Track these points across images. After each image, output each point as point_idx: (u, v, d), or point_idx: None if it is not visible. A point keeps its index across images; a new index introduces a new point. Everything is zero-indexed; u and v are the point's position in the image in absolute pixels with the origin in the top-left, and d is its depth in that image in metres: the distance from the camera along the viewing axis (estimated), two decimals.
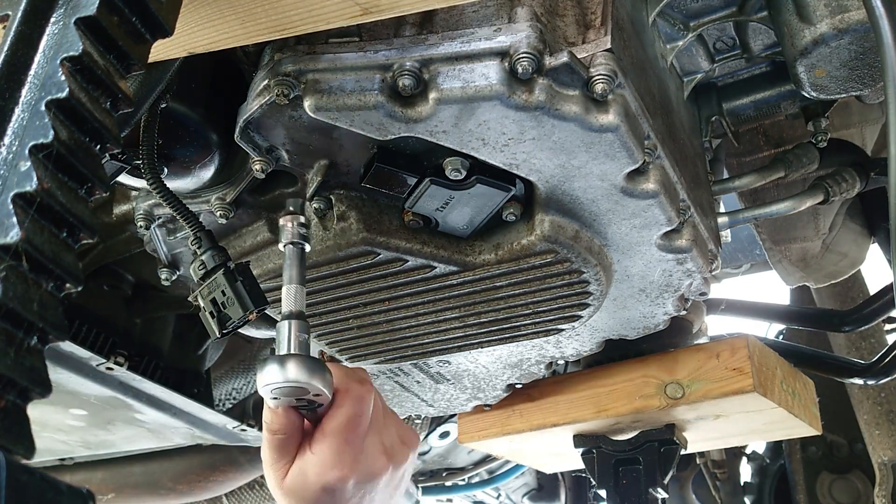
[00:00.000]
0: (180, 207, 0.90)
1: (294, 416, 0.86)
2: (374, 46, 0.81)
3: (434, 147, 0.87)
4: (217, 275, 0.83)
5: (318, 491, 0.85)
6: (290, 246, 0.84)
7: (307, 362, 0.78)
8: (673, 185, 0.97)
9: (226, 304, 0.83)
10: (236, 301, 0.82)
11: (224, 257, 0.86)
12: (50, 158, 0.49)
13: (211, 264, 0.85)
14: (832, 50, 1.01)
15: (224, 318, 0.82)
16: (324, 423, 0.87)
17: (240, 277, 0.83)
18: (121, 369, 1.53)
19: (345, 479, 0.86)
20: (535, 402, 1.48)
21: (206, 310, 0.84)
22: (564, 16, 0.86)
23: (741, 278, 2.46)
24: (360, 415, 0.88)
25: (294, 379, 0.77)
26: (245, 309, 0.81)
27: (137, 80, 0.81)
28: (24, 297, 0.45)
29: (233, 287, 0.82)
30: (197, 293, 0.85)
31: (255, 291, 0.83)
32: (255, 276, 0.86)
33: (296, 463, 0.87)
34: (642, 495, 1.39)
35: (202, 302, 0.85)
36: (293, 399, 0.82)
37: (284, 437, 0.86)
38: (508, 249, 0.99)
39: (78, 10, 0.54)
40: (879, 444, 2.17)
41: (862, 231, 1.72)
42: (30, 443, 0.43)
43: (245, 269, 0.84)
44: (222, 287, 0.83)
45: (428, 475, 2.49)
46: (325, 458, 0.85)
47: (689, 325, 1.45)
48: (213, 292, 0.83)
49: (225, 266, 0.84)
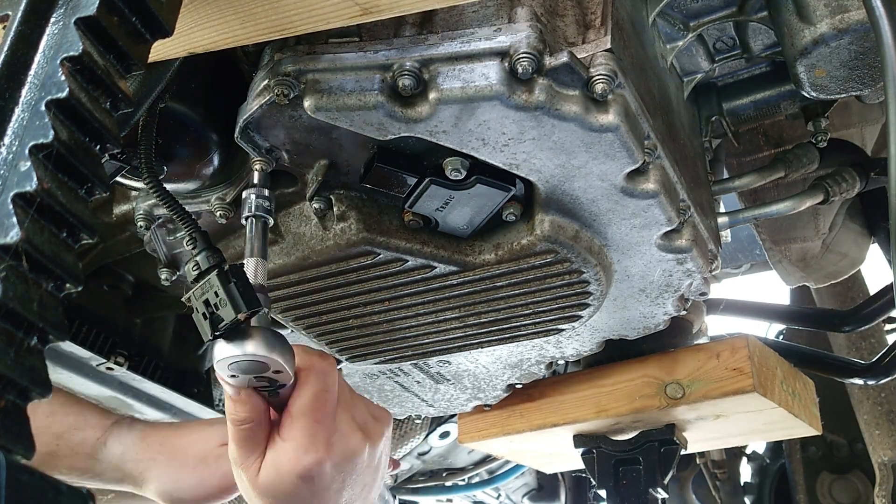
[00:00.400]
0: (176, 207, 0.89)
1: (258, 400, 0.83)
2: (374, 46, 0.81)
3: (434, 147, 0.87)
4: (211, 276, 0.83)
5: (296, 481, 0.82)
6: (253, 219, 0.82)
7: (267, 335, 0.75)
8: (673, 185, 0.97)
9: (218, 305, 0.82)
10: (229, 303, 0.81)
11: (218, 258, 0.85)
12: (50, 158, 0.49)
13: (205, 265, 0.84)
14: (832, 50, 1.01)
15: (216, 319, 0.81)
16: (290, 406, 0.83)
17: (233, 279, 0.82)
18: (121, 369, 1.53)
19: (321, 462, 0.82)
20: (535, 402, 1.48)
21: (199, 311, 0.84)
22: (564, 16, 0.86)
23: (741, 278, 2.46)
24: (327, 390, 0.84)
25: (252, 353, 0.74)
26: (237, 311, 0.80)
27: (137, 80, 0.81)
28: (24, 297, 0.45)
29: (226, 288, 0.81)
30: (190, 294, 0.85)
31: (249, 293, 0.82)
32: (248, 280, 0.86)
33: (267, 456, 0.83)
34: (642, 495, 1.39)
35: (195, 303, 0.84)
36: (252, 379, 0.79)
37: (252, 425, 0.82)
38: (508, 249, 0.99)
39: (78, 10, 0.54)
40: (879, 444, 2.17)
41: (862, 231, 1.72)
42: (30, 443, 0.43)
43: (239, 271, 0.83)
44: (215, 288, 0.82)
45: (428, 475, 2.49)
46: (298, 443, 0.82)
47: (689, 325, 1.45)
48: (206, 293, 0.82)
49: (219, 267, 0.84)
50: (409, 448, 2.21)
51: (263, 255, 0.82)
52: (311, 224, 0.99)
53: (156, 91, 0.82)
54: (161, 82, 0.82)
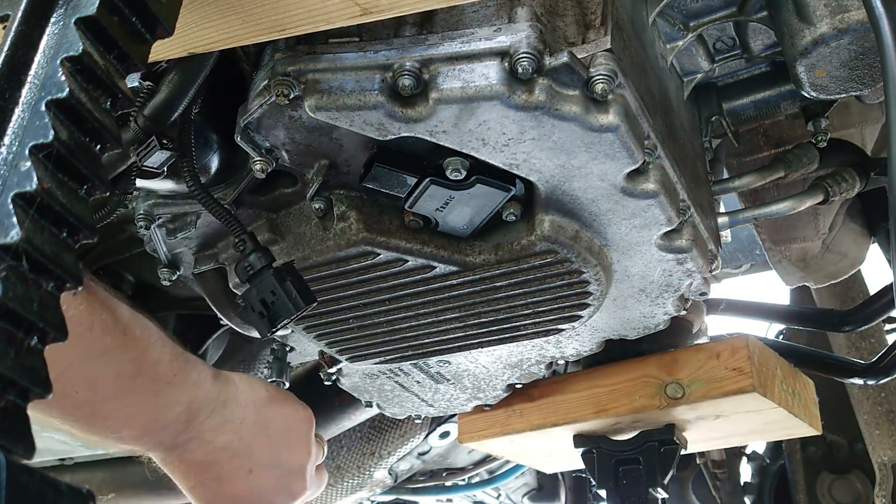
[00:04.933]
0: (224, 213, 0.92)
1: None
2: (374, 46, 0.81)
3: (434, 147, 0.87)
4: (266, 275, 0.86)
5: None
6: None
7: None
8: (673, 185, 0.97)
9: (276, 302, 0.85)
10: (287, 300, 0.85)
11: (270, 258, 0.89)
12: (50, 158, 0.48)
13: (258, 265, 0.88)
14: (832, 50, 1.01)
15: (274, 316, 0.85)
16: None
17: (288, 277, 0.85)
18: None
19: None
20: (535, 402, 1.48)
21: (256, 310, 0.87)
22: (564, 16, 0.86)
23: (741, 278, 2.45)
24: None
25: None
26: (297, 307, 0.85)
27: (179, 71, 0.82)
28: (24, 297, 0.45)
29: (283, 286, 0.85)
30: (244, 294, 0.88)
31: (304, 289, 0.86)
32: (301, 275, 0.88)
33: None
34: (642, 495, 1.39)
35: (252, 302, 0.87)
36: None
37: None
38: (508, 249, 0.99)
39: (78, 10, 0.54)
40: (879, 444, 2.17)
41: (862, 231, 1.72)
42: (30, 443, 0.43)
43: (291, 269, 0.88)
44: (272, 287, 0.86)
45: (428, 475, 2.48)
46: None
47: (689, 325, 1.45)
48: (262, 293, 0.86)
49: (272, 266, 0.87)
50: (409, 448, 2.21)
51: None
52: (311, 224, 0.99)
53: (196, 83, 0.83)
54: (201, 74, 0.83)
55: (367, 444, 2.20)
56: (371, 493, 2.31)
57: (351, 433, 2.18)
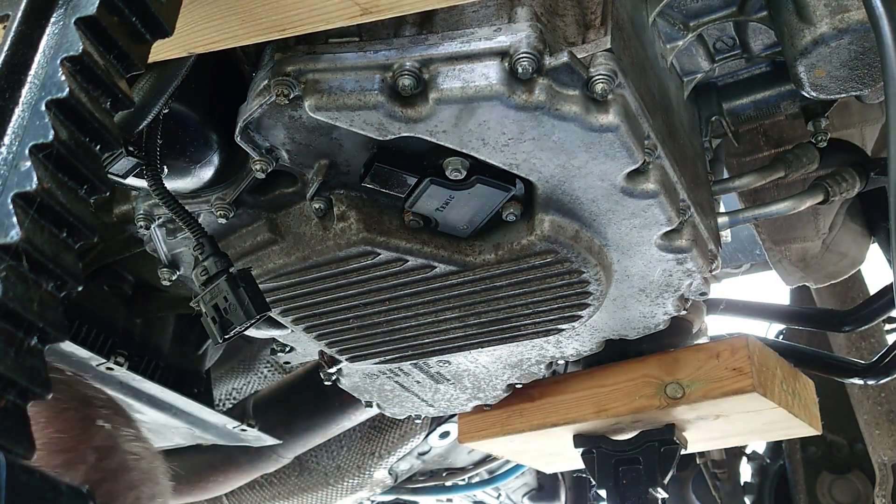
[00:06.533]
0: (182, 212, 0.90)
1: None
2: (374, 46, 0.81)
3: (434, 147, 0.87)
4: (220, 281, 0.84)
5: None
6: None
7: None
8: (673, 185, 0.97)
9: (228, 309, 0.84)
10: (239, 307, 0.83)
11: (226, 263, 0.87)
12: (50, 158, 0.49)
13: (213, 270, 0.86)
14: (832, 50, 1.01)
15: (226, 323, 0.83)
16: None
17: (242, 284, 0.84)
18: (121, 369, 1.53)
19: None
20: (535, 402, 1.48)
21: (209, 315, 0.85)
22: (564, 16, 0.86)
23: (741, 278, 2.46)
24: None
25: None
26: (248, 316, 0.82)
27: (150, 80, 0.81)
28: (24, 297, 0.45)
29: (235, 293, 0.83)
30: (199, 299, 0.86)
31: (258, 298, 0.84)
32: (256, 282, 0.87)
33: None
34: (642, 495, 1.39)
35: (204, 308, 0.86)
36: None
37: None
38: (508, 249, 0.99)
39: (78, 10, 0.54)
40: (879, 444, 2.17)
41: (862, 231, 1.72)
42: (30, 443, 0.43)
43: (247, 276, 0.85)
44: (225, 293, 0.84)
45: (428, 475, 2.49)
46: None
47: (689, 325, 1.45)
48: (215, 298, 0.85)
49: (227, 272, 0.85)
50: (409, 448, 2.21)
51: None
52: (311, 224, 0.99)
53: (167, 91, 0.82)
54: (172, 83, 0.82)
55: (367, 444, 2.20)
56: (371, 493, 2.31)
57: (351, 433, 2.19)
